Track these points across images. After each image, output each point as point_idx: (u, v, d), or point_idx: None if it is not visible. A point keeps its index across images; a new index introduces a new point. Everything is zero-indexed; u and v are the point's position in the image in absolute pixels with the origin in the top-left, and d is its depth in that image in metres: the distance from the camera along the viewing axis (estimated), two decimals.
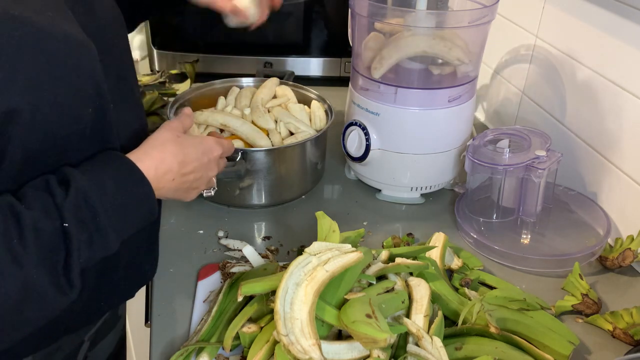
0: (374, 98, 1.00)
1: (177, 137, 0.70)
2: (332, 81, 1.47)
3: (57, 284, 0.55)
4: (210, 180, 0.77)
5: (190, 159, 0.71)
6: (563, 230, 0.96)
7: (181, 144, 0.70)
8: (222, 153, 0.78)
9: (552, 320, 0.75)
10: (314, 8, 1.42)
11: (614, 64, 0.95)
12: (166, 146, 0.68)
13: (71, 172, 0.58)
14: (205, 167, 0.74)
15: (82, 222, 0.57)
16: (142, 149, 0.67)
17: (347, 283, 0.69)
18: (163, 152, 0.67)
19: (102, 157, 0.63)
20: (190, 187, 0.73)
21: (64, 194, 0.57)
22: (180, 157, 0.69)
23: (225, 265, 0.85)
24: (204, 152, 0.73)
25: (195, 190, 0.75)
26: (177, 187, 0.70)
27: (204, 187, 0.76)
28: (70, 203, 0.56)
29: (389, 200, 1.07)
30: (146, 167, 0.64)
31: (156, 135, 0.69)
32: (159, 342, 0.75)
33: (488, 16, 0.98)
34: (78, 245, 0.56)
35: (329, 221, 0.77)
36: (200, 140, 0.74)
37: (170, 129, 0.71)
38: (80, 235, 0.57)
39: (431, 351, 0.65)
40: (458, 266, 0.87)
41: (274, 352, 0.64)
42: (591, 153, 1.01)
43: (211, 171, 0.76)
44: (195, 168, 0.72)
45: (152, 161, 0.66)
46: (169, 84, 1.45)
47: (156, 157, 0.66)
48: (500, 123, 1.31)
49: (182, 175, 0.70)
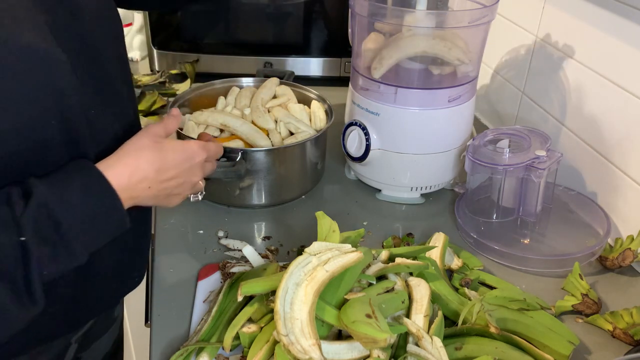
0: (374, 98, 1.00)
1: (155, 142, 0.68)
2: (332, 81, 1.47)
3: (18, 299, 0.54)
4: (195, 185, 0.75)
5: (169, 165, 0.68)
6: (563, 230, 0.96)
7: (159, 150, 0.67)
8: (207, 157, 0.75)
9: (552, 320, 0.75)
10: (314, 8, 1.42)
11: (614, 64, 0.95)
12: (142, 152, 0.66)
13: (34, 183, 0.57)
14: (187, 172, 0.71)
15: (43, 235, 0.55)
16: (116, 156, 0.65)
17: (347, 283, 0.69)
18: (138, 159, 0.65)
19: (70, 167, 0.61)
20: (171, 193, 0.71)
21: (23, 206, 0.55)
22: (157, 164, 0.66)
23: (225, 265, 0.85)
24: (185, 158, 0.71)
25: (177, 197, 0.73)
26: (156, 194, 0.68)
27: (188, 192, 0.74)
28: (29, 216, 0.55)
29: (389, 200, 1.07)
30: (118, 175, 0.62)
31: (133, 141, 0.67)
32: (159, 342, 0.75)
33: (488, 16, 0.98)
34: (38, 259, 0.55)
35: (329, 221, 0.77)
36: (182, 145, 0.71)
37: (149, 134, 0.68)
38: (41, 249, 0.55)
39: (431, 351, 0.65)
40: (458, 266, 0.87)
41: (274, 352, 0.64)
42: (591, 153, 1.01)
43: (195, 176, 0.73)
44: (176, 174, 0.69)
45: (125, 168, 0.63)
46: (169, 84, 1.45)
47: (130, 164, 0.64)
48: (500, 123, 1.31)
49: (160, 182, 0.67)
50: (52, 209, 0.56)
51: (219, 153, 0.81)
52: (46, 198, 0.56)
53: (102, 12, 0.69)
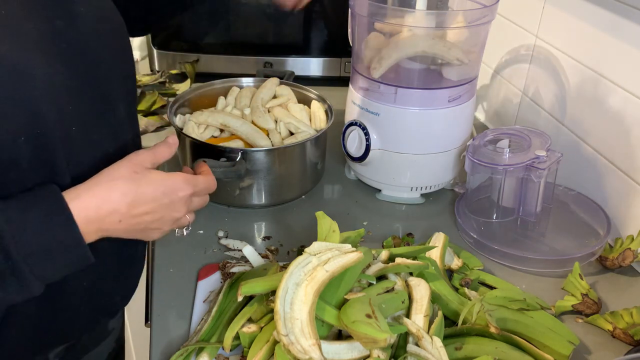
0: (374, 98, 1.00)
1: (133, 173, 0.63)
2: (332, 81, 1.47)
3: None
4: (177, 220, 0.69)
5: (144, 199, 0.63)
6: (563, 230, 0.96)
7: (136, 182, 0.63)
8: (193, 192, 0.69)
9: (552, 320, 0.75)
10: (314, 8, 1.42)
11: (614, 64, 0.95)
12: (116, 183, 0.61)
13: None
14: (165, 207, 0.66)
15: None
16: (87, 185, 0.61)
17: (347, 283, 0.69)
18: (110, 191, 0.61)
19: (34, 193, 0.57)
20: (147, 227, 0.66)
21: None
22: (129, 197, 0.62)
23: (225, 265, 0.85)
24: (164, 192, 0.65)
25: (156, 231, 0.68)
26: (128, 228, 0.63)
27: (169, 227, 0.69)
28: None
29: (389, 200, 1.07)
30: (85, 207, 0.59)
31: (110, 170, 0.63)
32: (159, 342, 0.75)
33: (488, 16, 0.98)
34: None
35: (329, 221, 0.77)
36: (162, 178, 0.66)
37: (130, 163, 0.64)
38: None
39: (431, 351, 0.65)
40: (458, 266, 0.87)
41: (274, 352, 0.64)
42: (591, 153, 1.01)
43: (175, 212, 0.68)
44: (152, 209, 0.64)
45: (94, 200, 0.59)
46: (169, 84, 1.45)
47: (99, 195, 0.60)
48: (500, 123, 1.31)
49: (133, 217, 0.63)
50: (4, 237, 0.53)
51: (211, 188, 0.74)
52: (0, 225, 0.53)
53: (104, 25, 0.67)
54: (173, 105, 1.06)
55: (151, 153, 0.67)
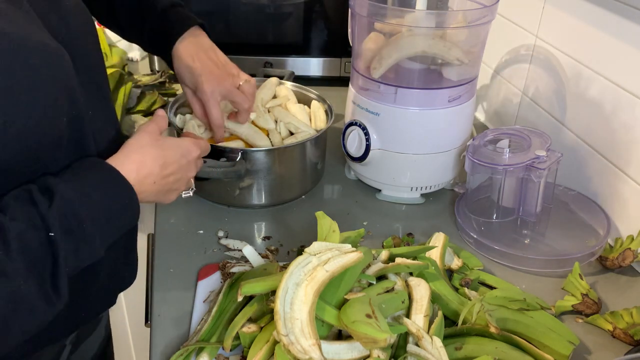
0: (374, 98, 1.00)
1: (155, 139, 0.70)
2: (332, 81, 1.47)
3: (45, 295, 0.55)
4: (188, 180, 0.77)
5: (170, 160, 0.71)
6: (563, 230, 0.96)
7: (161, 147, 0.70)
8: (199, 154, 0.78)
9: (552, 320, 0.75)
10: (314, 8, 1.42)
11: (614, 64, 0.95)
12: (146, 149, 0.68)
13: (54, 180, 0.58)
14: (184, 168, 0.74)
15: (69, 231, 0.56)
16: (122, 153, 0.67)
17: (347, 283, 0.69)
18: (143, 155, 0.67)
19: (83, 164, 0.62)
20: (171, 188, 0.73)
21: (48, 203, 0.56)
22: (161, 160, 0.69)
23: (225, 265, 0.85)
24: (182, 154, 0.74)
25: (175, 192, 0.75)
26: (159, 189, 0.70)
27: (184, 187, 0.77)
28: (55, 212, 0.56)
29: (389, 200, 1.07)
30: (127, 171, 0.64)
31: (135, 139, 0.69)
32: (159, 342, 0.75)
33: (488, 16, 0.98)
34: (65, 254, 0.56)
35: (329, 221, 0.77)
36: (179, 142, 0.75)
37: (148, 132, 0.71)
38: (67, 244, 0.56)
39: (431, 351, 0.65)
40: (458, 266, 0.87)
41: (274, 352, 0.64)
42: (591, 153, 1.01)
43: (190, 172, 0.76)
44: (176, 170, 0.72)
45: (133, 165, 0.65)
46: (169, 84, 1.45)
47: (136, 160, 0.66)
48: (500, 123, 1.31)
49: (163, 178, 0.70)
50: (75, 205, 0.57)
51: (208, 150, 0.83)
52: (69, 194, 0.57)
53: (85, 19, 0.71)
54: (173, 105, 1.06)
55: (155, 124, 0.74)
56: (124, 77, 1.34)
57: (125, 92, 1.28)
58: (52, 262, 0.55)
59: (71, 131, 0.62)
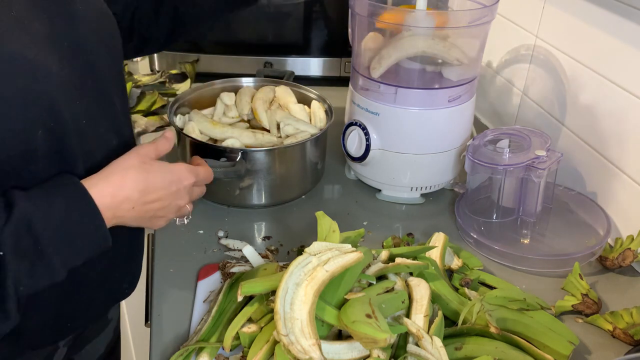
0: (374, 98, 1.00)
1: (142, 163, 0.67)
2: (332, 81, 1.47)
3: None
4: (180, 209, 0.74)
5: (154, 187, 0.67)
6: (563, 230, 0.96)
7: (146, 171, 0.67)
8: (195, 182, 0.74)
9: (552, 320, 0.75)
10: (314, 8, 1.42)
11: (613, 64, 0.95)
12: (128, 172, 0.65)
13: (17, 195, 0.56)
14: (172, 196, 0.70)
15: (21, 251, 0.55)
16: (102, 174, 0.64)
17: (347, 283, 0.69)
18: (123, 179, 0.64)
19: (55, 182, 0.60)
20: (155, 215, 0.70)
21: (5, 219, 0.54)
22: (141, 185, 0.66)
23: (225, 265, 0.85)
24: (171, 181, 0.70)
25: (161, 219, 0.72)
26: (139, 215, 0.67)
27: (173, 215, 0.73)
28: (9, 230, 0.54)
29: (389, 200, 1.07)
30: (101, 194, 0.62)
31: (121, 160, 0.66)
32: (159, 342, 0.75)
33: (488, 16, 0.98)
34: (15, 275, 0.54)
35: (329, 221, 0.77)
36: (169, 168, 0.71)
37: (139, 154, 0.68)
38: (18, 264, 0.54)
39: (431, 351, 0.65)
40: (458, 266, 0.87)
41: (274, 352, 0.64)
42: (591, 153, 1.01)
43: (180, 200, 0.72)
44: (160, 197, 0.68)
45: (109, 187, 0.63)
46: (169, 84, 1.45)
47: (115, 183, 0.63)
48: (500, 123, 1.31)
49: (144, 204, 0.67)
50: (33, 224, 0.55)
51: (209, 178, 0.79)
52: (28, 212, 0.55)
53: (101, 25, 0.69)
54: (173, 105, 1.06)
55: (153, 146, 0.71)
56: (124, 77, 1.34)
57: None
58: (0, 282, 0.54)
59: (50, 143, 0.60)
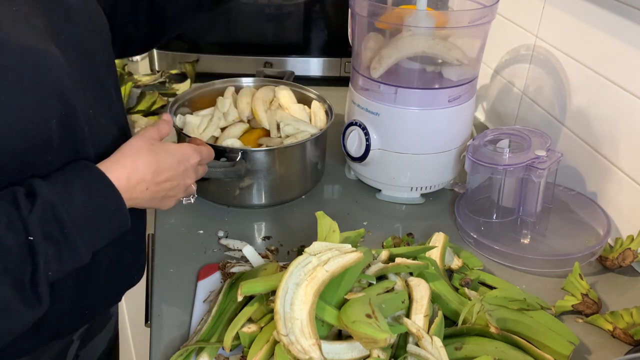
0: (374, 98, 1.00)
1: (151, 145, 0.69)
2: (332, 81, 1.47)
3: (25, 299, 0.55)
4: (188, 187, 0.76)
5: (165, 167, 0.70)
6: (563, 230, 0.96)
7: (155, 152, 0.69)
8: (200, 160, 0.77)
9: (552, 320, 0.75)
10: (314, 8, 1.42)
11: (614, 64, 0.95)
12: (139, 155, 0.67)
13: (38, 183, 0.58)
14: (181, 175, 0.73)
15: (49, 236, 0.56)
16: (114, 158, 0.66)
17: (347, 283, 0.69)
18: (136, 161, 0.66)
19: (72, 168, 0.62)
20: (166, 195, 0.72)
21: (30, 206, 0.56)
22: (154, 166, 0.68)
23: (225, 265, 0.85)
24: (179, 160, 0.72)
25: (172, 199, 0.74)
26: (152, 196, 0.69)
27: (182, 195, 0.76)
28: (36, 216, 0.55)
29: (389, 200, 1.07)
30: (117, 177, 0.63)
31: (130, 144, 0.68)
32: (159, 342, 0.75)
33: (488, 16, 0.98)
34: (45, 259, 0.55)
35: (329, 221, 0.77)
36: (176, 148, 0.73)
37: (145, 137, 0.70)
38: (48, 249, 0.56)
39: (431, 351, 0.65)
40: (458, 266, 0.87)
41: (274, 352, 0.64)
42: (591, 153, 1.01)
43: (188, 179, 0.75)
44: (171, 176, 0.71)
45: (124, 170, 0.64)
46: (169, 84, 1.45)
47: (128, 166, 0.65)
48: (500, 123, 1.31)
49: (157, 184, 0.69)
50: (58, 209, 0.57)
51: (211, 156, 0.82)
52: (51, 199, 0.57)
53: (93, 19, 0.71)
54: (173, 105, 1.06)
55: (156, 129, 0.73)
56: (124, 77, 1.34)
57: (125, 92, 1.28)
58: (32, 267, 0.55)
59: (62, 132, 0.61)
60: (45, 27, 0.61)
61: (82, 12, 0.68)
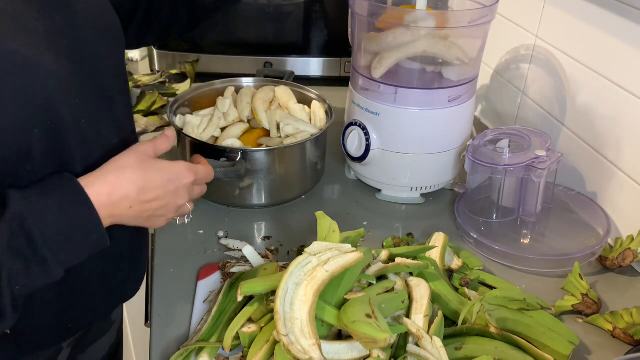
0: (374, 98, 1.00)
1: (141, 161, 0.66)
2: (332, 81, 1.47)
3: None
4: (180, 207, 0.72)
5: (153, 185, 0.66)
6: (563, 230, 0.96)
7: (144, 170, 0.66)
8: (195, 180, 0.73)
9: (552, 320, 0.75)
10: (314, 8, 1.42)
11: (614, 63, 0.95)
12: (125, 171, 0.64)
13: (12, 195, 0.55)
14: (171, 194, 0.69)
15: (16, 250, 0.54)
16: (99, 172, 0.63)
17: (347, 283, 0.69)
18: (120, 178, 0.63)
19: (52, 180, 0.60)
20: (154, 215, 0.69)
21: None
22: (139, 184, 0.65)
23: (225, 265, 0.85)
24: (170, 180, 0.69)
25: (161, 218, 0.71)
26: (137, 214, 0.66)
27: (173, 215, 0.72)
28: (2, 228, 0.53)
29: (389, 200, 1.07)
30: (98, 192, 0.61)
31: (118, 158, 0.65)
32: (159, 342, 0.75)
33: (488, 16, 0.98)
34: (10, 273, 0.54)
35: (329, 221, 0.77)
36: (169, 166, 0.70)
37: (137, 152, 0.67)
38: (13, 263, 0.54)
39: (431, 351, 0.65)
40: (458, 266, 0.87)
41: (274, 352, 0.64)
42: (591, 153, 1.01)
43: (179, 199, 0.71)
44: (158, 195, 0.67)
45: (106, 186, 0.62)
46: (169, 84, 1.45)
47: (111, 182, 0.62)
48: (500, 123, 1.31)
49: (142, 203, 0.66)
50: (28, 223, 0.55)
51: (209, 177, 0.78)
52: (22, 211, 0.55)
53: (102, 22, 0.69)
54: (173, 105, 1.06)
55: (152, 144, 0.70)
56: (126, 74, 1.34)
57: None
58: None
59: (47, 142, 0.59)
60: (44, 30, 0.59)
61: (89, 14, 0.66)
